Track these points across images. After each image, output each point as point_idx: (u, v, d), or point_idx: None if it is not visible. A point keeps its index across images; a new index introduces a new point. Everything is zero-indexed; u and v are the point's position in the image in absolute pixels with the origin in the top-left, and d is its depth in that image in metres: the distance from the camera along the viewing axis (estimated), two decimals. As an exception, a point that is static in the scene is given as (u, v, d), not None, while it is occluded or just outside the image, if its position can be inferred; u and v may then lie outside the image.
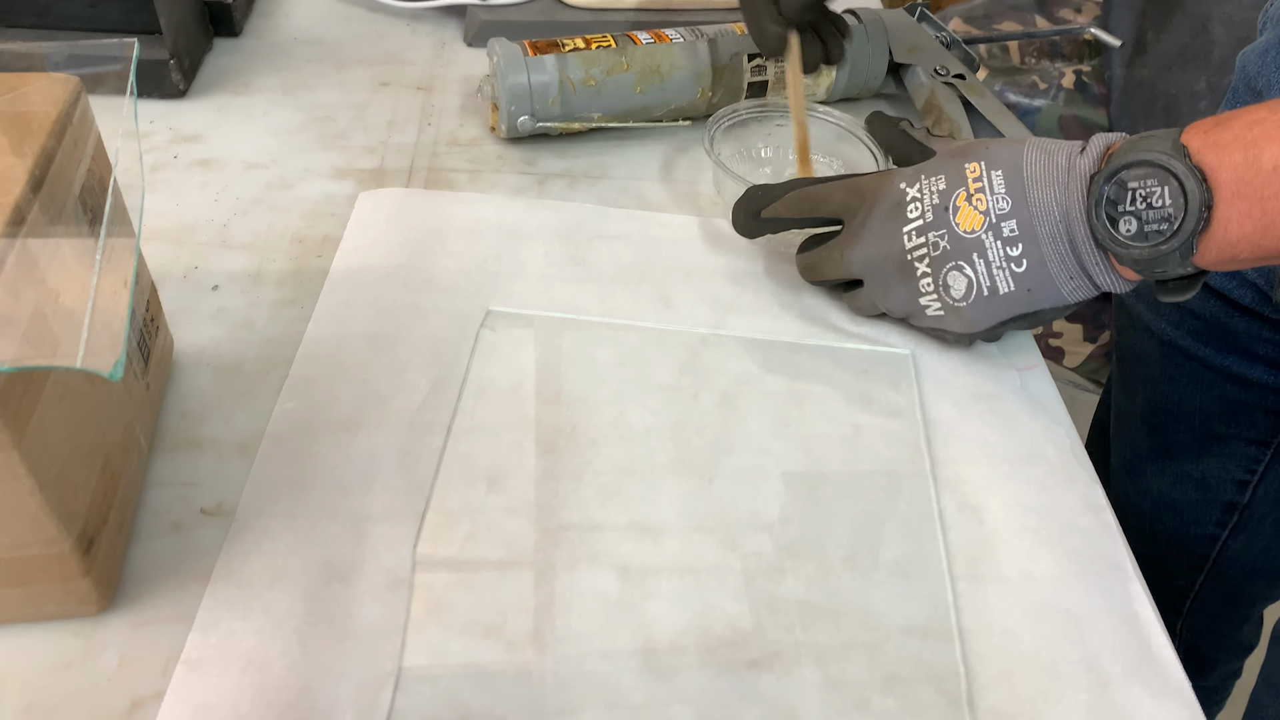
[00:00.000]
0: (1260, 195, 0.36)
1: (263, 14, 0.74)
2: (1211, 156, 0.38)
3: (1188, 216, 0.38)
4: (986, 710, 0.37)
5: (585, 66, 0.60)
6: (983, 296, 0.45)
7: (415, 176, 0.59)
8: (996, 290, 0.45)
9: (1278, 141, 0.36)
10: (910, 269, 0.47)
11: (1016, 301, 0.44)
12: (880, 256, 0.47)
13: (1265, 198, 0.36)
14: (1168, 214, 0.38)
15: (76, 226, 0.34)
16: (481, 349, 0.49)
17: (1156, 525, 0.73)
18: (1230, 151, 0.37)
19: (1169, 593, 0.76)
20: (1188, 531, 0.72)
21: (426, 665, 0.36)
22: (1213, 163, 0.37)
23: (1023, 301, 0.44)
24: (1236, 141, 0.37)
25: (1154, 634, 0.40)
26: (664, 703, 0.36)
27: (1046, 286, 0.43)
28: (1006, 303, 0.45)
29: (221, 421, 0.44)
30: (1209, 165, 0.38)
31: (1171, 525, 0.72)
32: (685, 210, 0.59)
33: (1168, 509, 0.72)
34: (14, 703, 0.34)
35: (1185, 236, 0.38)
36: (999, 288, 0.44)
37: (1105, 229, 0.40)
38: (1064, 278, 0.43)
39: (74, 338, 0.27)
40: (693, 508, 0.43)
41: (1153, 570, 0.75)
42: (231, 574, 0.38)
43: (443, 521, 0.41)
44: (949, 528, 0.43)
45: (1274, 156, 0.36)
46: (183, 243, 0.53)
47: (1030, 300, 0.44)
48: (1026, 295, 0.44)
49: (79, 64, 0.35)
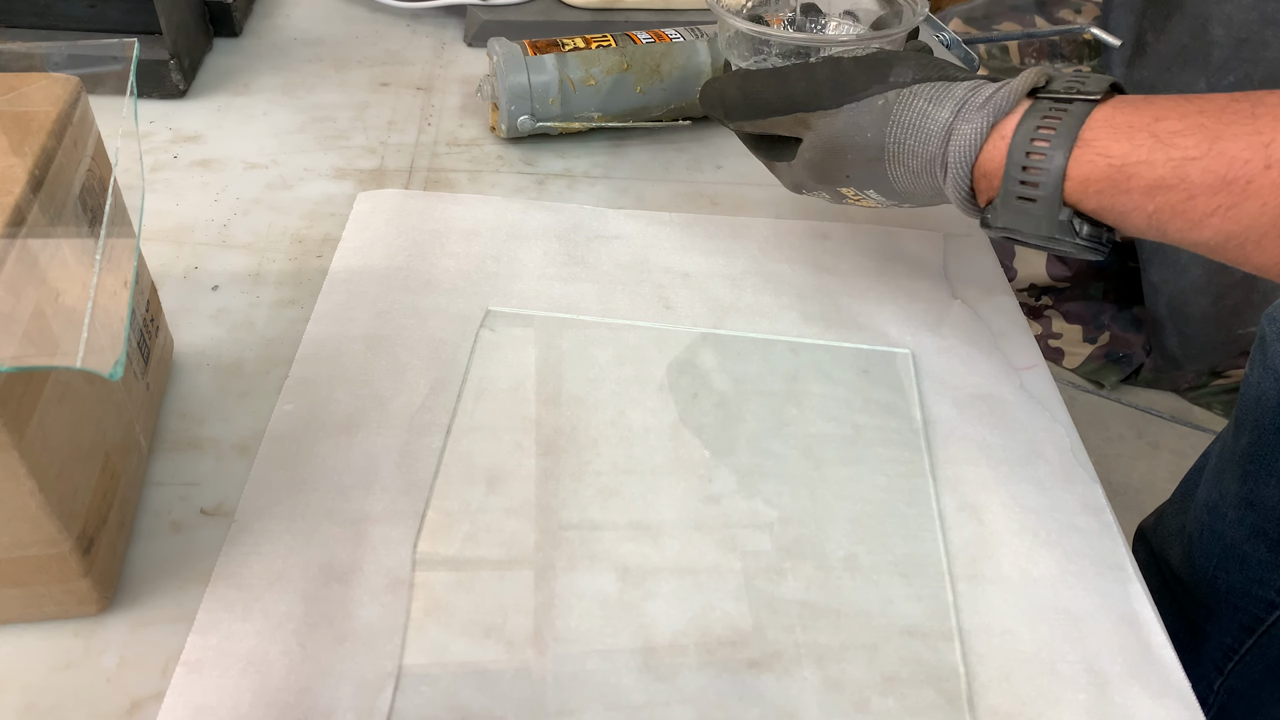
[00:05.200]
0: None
1: (263, 14, 0.74)
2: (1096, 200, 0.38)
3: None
4: (986, 710, 0.37)
5: (585, 66, 0.60)
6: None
7: (415, 176, 0.59)
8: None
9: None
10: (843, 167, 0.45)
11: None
12: (850, 133, 0.44)
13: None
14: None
15: (76, 226, 0.34)
16: (481, 349, 0.49)
17: (1220, 574, 0.71)
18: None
19: (1214, 648, 0.74)
20: (1250, 590, 0.69)
21: (426, 665, 0.36)
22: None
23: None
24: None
25: (1154, 634, 0.40)
26: (664, 703, 0.36)
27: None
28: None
29: (221, 422, 0.44)
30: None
31: (1235, 579, 0.70)
32: (685, 210, 0.59)
33: (1236, 561, 0.70)
34: (14, 703, 0.34)
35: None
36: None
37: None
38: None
39: (74, 338, 0.27)
40: (692, 508, 0.43)
41: (1204, 620, 0.74)
42: (231, 575, 0.38)
43: (442, 522, 0.41)
44: (949, 528, 0.43)
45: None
46: (183, 243, 0.53)
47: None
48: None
49: (79, 64, 0.35)
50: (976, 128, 0.39)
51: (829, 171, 0.45)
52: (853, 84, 0.43)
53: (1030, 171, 0.38)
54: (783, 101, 0.45)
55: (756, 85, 0.46)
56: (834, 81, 0.43)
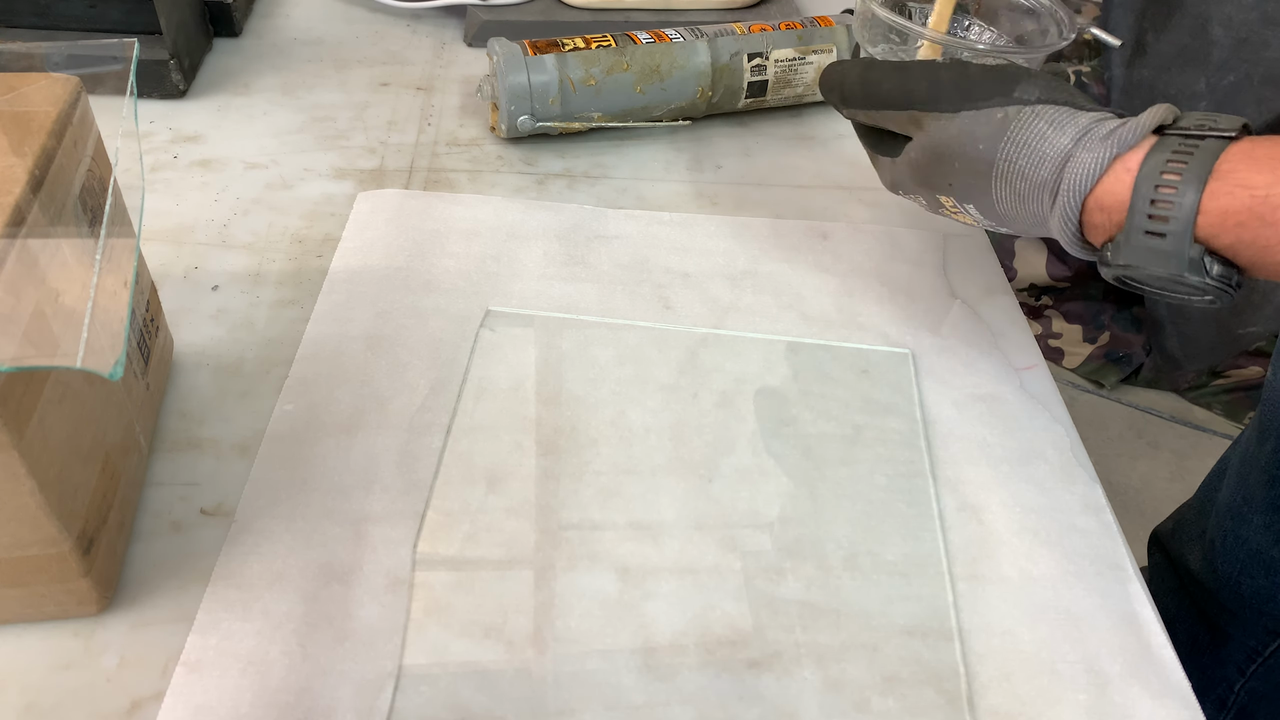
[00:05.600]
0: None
1: (263, 14, 0.74)
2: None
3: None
4: (986, 710, 0.37)
5: (585, 66, 0.60)
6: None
7: (415, 176, 0.59)
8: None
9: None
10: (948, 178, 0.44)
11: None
12: (962, 142, 0.42)
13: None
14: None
15: (76, 226, 0.34)
16: (481, 349, 0.49)
17: (1244, 578, 0.71)
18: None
19: (1237, 650, 0.74)
20: (1275, 594, 0.69)
21: (426, 665, 0.36)
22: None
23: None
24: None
25: (1153, 634, 0.40)
26: (664, 703, 0.36)
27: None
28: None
29: (221, 422, 0.44)
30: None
31: (1260, 583, 0.70)
32: (685, 210, 0.59)
33: (1261, 565, 0.69)
34: (14, 703, 0.34)
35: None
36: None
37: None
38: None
39: (74, 338, 0.27)
40: (693, 508, 0.43)
41: (1226, 623, 0.74)
42: (231, 575, 0.38)
43: (442, 522, 0.41)
44: (949, 528, 0.43)
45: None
46: (183, 243, 0.53)
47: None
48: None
49: (79, 64, 0.35)
50: (1097, 158, 0.38)
51: (932, 177, 0.44)
52: (976, 91, 0.41)
53: (1159, 205, 0.36)
54: (901, 96, 0.44)
55: (877, 75, 0.45)
56: (957, 85, 0.42)
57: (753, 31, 0.64)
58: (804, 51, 0.64)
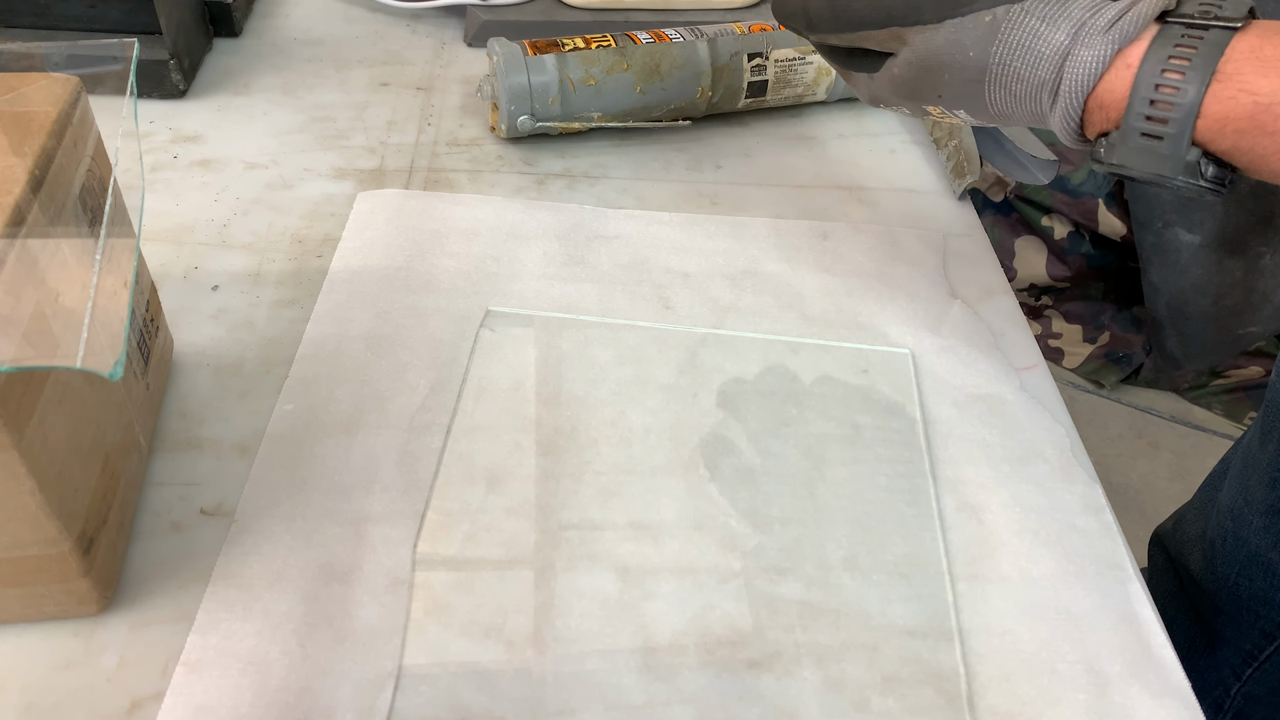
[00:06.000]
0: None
1: (263, 14, 0.74)
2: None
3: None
4: (986, 710, 0.37)
5: (585, 66, 0.60)
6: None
7: (415, 176, 0.59)
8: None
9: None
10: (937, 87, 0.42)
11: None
12: (950, 51, 0.39)
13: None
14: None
15: (76, 226, 0.34)
16: (481, 349, 0.49)
17: (1243, 580, 0.70)
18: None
19: (1233, 654, 0.73)
20: (1273, 597, 0.69)
21: (426, 665, 0.36)
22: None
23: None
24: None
25: (1153, 634, 0.40)
26: (664, 703, 0.36)
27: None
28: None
29: (221, 422, 0.44)
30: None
31: (1259, 585, 0.69)
32: (685, 210, 0.59)
33: (1260, 567, 0.69)
34: (14, 703, 0.34)
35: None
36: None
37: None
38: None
39: (74, 338, 0.27)
40: (693, 508, 0.43)
41: (1224, 626, 0.73)
42: (231, 575, 0.38)
43: (442, 522, 0.41)
44: (949, 528, 0.43)
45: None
46: (183, 243, 0.53)
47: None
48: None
49: (79, 64, 0.35)
50: (1098, 54, 0.35)
51: (919, 90, 0.41)
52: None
53: (1158, 106, 0.34)
54: (877, 13, 0.40)
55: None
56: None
57: (753, 31, 0.64)
58: (804, 51, 0.64)
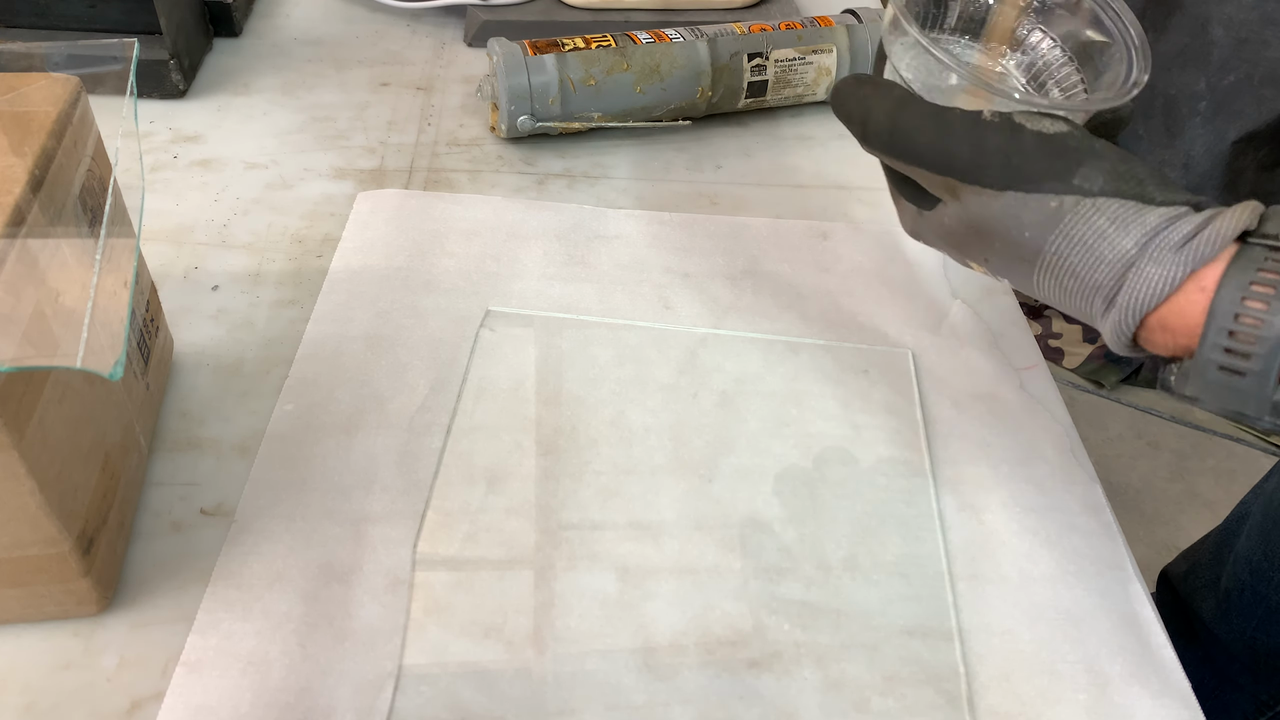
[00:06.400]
0: None
1: (263, 14, 0.74)
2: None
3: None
4: (986, 710, 0.37)
5: (585, 66, 0.60)
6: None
7: (415, 176, 0.59)
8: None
9: None
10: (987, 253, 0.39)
11: None
12: (1005, 224, 0.36)
13: None
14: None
15: (76, 226, 0.34)
16: (481, 349, 0.49)
17: (1260, 634, 0.69)
18: None
19: (1246, 700, 0.73)
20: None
21: (426, 665, 0.36)
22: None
23: None
24: None
25: (1154, 634, 0.40)
26: (664, 703, 0.36)
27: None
28: None
29: (221, 422, 0.44)
30: None
31: (1276, 640, 0.68)
32: (685, 210, 0.59)
33: (1279, 625, 0.68)
34: (14, 703, 0.34)
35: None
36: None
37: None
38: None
39: (74, 338, 0.27)
40: (693, 508, 0.43)
41: (1238, 673, 0.73)
42: (231, 575, 0.38)
43: (442, 522, 0.41)
44: (949, 528, 0.43)
45: None
46: (183, 243, 0.53)
47: None
48: None
49: (79, 64, 0.35)
50: (1167, 274, 0.32)
51: (965, 247, 0.38)
52: (1028, 169, 0.34)
53: (1239, 338, 0.30)
54: (937, 156, 0.36)
55: (910, 122, 0.37)
56: (1006, 158, 0.35)
57: (753, 31, 0.64)
58: (804, 51, 0.64)
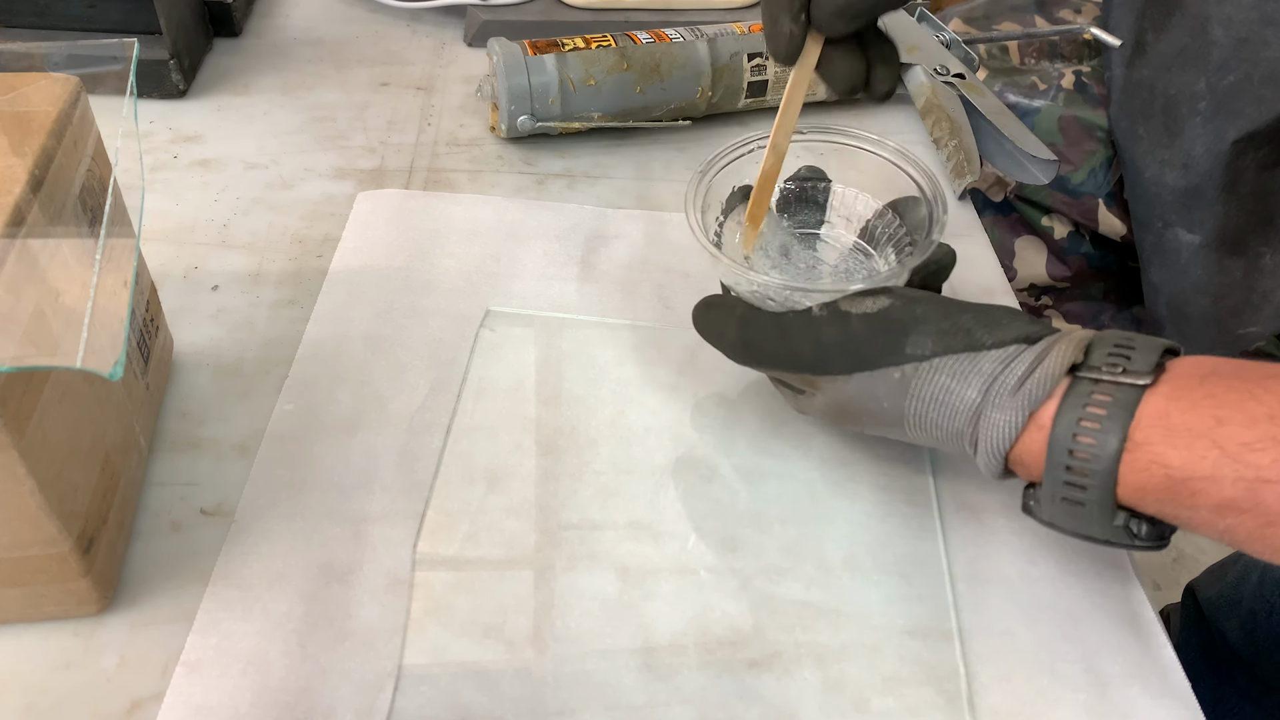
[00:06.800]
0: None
1: (263, 14, 0.74)
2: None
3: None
4: (986, 710, 0.37)
5: (585, 66, 0.60)
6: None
7: (415, 176, 0.59)
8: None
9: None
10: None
11: None
12: (864, 400, 0.39)
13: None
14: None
15: (76, 226, 0.34)
16: (481, 349, 0.49)
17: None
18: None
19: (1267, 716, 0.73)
20: None
21: (426, 665, 0.36)
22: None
23: None
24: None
25: (1154, 634, 0.40)
26: (664, 703, 0.36)
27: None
28: None
29: (221, 422, 0.44)
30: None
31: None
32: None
33: None
34: (14, 703, 0.34)
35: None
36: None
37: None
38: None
39: (74, 338, 0.27)
40: (693, 508, 0.43)
41: (1261, 694, 0.73)
42: (231, 575, 0.38)
43: (442, 522, 0.41)
44: (949, 528, 0.43)
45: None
46: (183, 243, 0.53)
47: None
48: None
49: (79, 64, 0.35)
50: (1010, 419, 0.35)
51: (842, 421, 0.42)
52: (864, 352, 0.38)
53: (1075, 472, 0.34)
54: (787, 360, 0.40)
55: (756, 335, 0.41)
56: (843, 348, 0.38)
57: (753, 31, 0.64)
58: (804, 51, 0.64)
